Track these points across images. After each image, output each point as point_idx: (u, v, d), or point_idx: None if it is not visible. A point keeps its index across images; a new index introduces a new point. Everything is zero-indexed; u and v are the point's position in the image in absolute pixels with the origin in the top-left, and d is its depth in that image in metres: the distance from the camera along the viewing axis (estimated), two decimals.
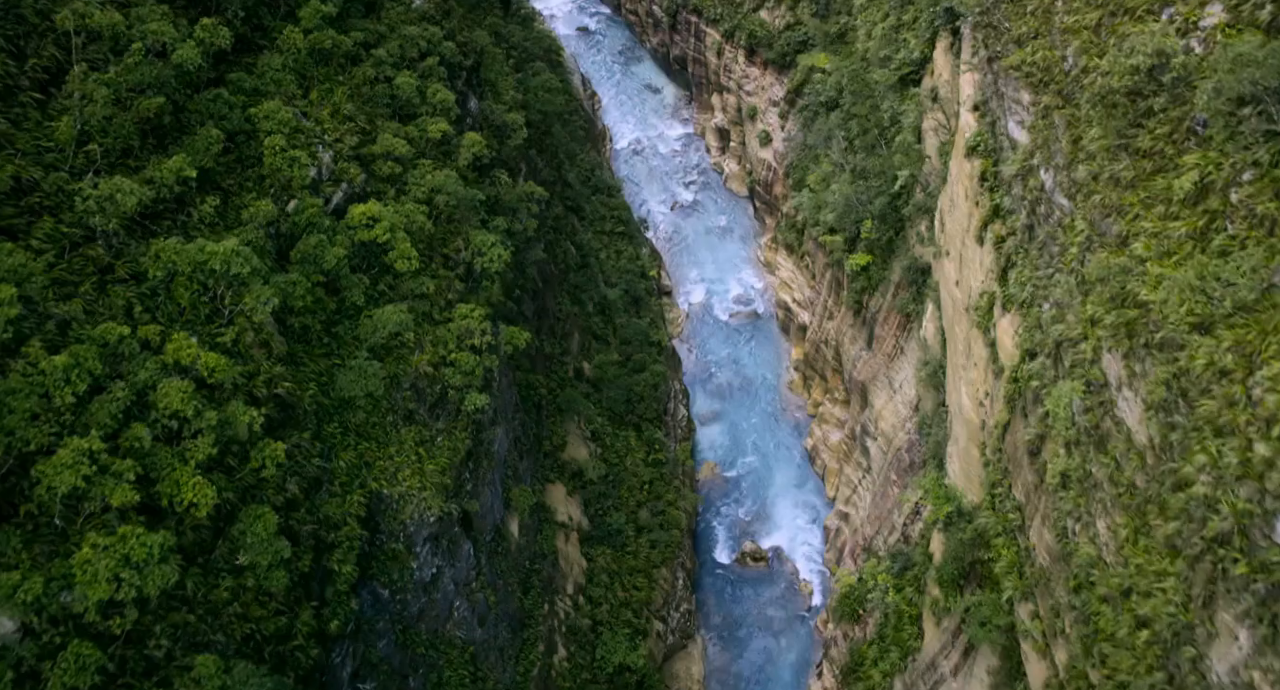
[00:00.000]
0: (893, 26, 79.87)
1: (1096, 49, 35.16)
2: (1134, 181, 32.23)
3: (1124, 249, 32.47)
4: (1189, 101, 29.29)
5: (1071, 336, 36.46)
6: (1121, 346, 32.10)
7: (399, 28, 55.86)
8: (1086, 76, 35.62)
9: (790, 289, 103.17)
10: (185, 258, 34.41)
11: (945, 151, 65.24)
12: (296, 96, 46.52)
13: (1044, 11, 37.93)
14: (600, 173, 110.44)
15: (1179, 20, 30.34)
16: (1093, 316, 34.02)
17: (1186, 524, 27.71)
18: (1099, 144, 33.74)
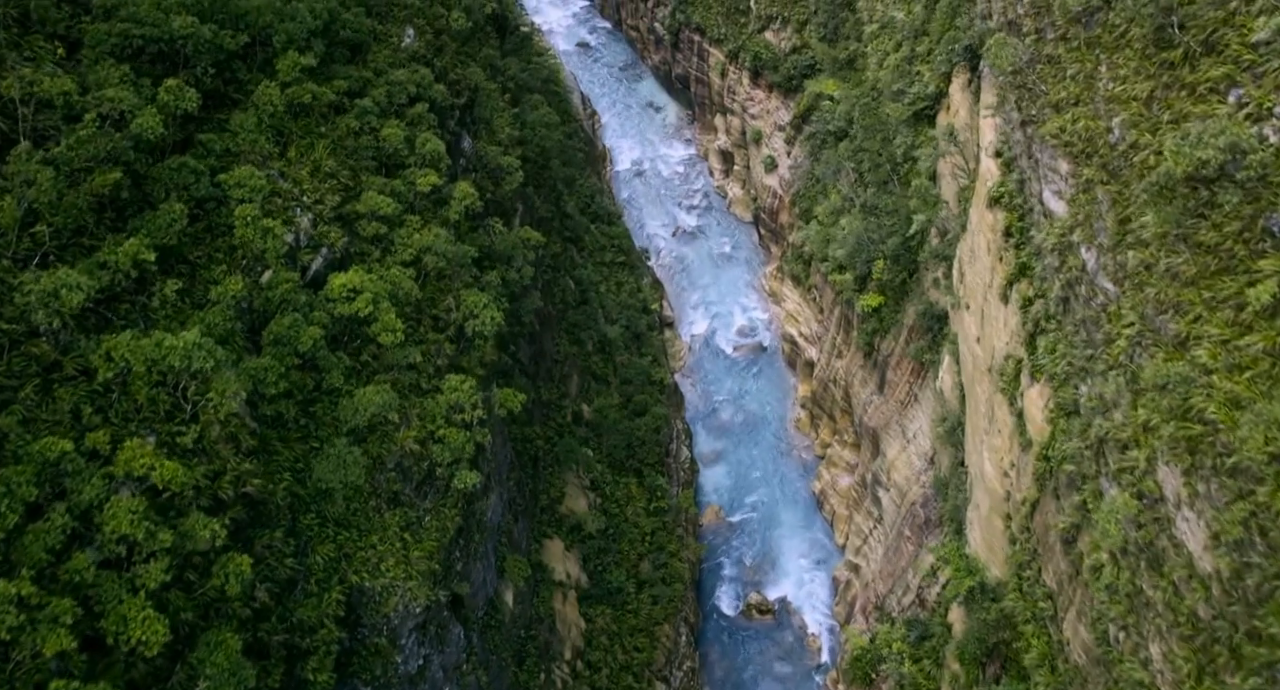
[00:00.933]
0: (905, 58, 76.48)
1: (1148, 124, 31.77)
2: (1195, 279, 28.86)
3: (1184, 353, 29.10)
4: (1264, 199, 25.92)
5: (1119, 438, 33.08)
6: (1182, 462, 28.71)
7: (386, 72, 52.50)
8: (1136, 153, 32.23)
9: (797, 322, 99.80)
10: (140, 355, 31.01)
11: (965, 198, 61.86)
12: (273, 156, 43.14)
13: (1086, 77, 34.54)
14: (600, 199, 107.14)
15: (1249, 105, 26.95)
16: (1147, 422, 30.63)
17: (1269, 685, 24.40)
18: (1154, 232, 30.35)
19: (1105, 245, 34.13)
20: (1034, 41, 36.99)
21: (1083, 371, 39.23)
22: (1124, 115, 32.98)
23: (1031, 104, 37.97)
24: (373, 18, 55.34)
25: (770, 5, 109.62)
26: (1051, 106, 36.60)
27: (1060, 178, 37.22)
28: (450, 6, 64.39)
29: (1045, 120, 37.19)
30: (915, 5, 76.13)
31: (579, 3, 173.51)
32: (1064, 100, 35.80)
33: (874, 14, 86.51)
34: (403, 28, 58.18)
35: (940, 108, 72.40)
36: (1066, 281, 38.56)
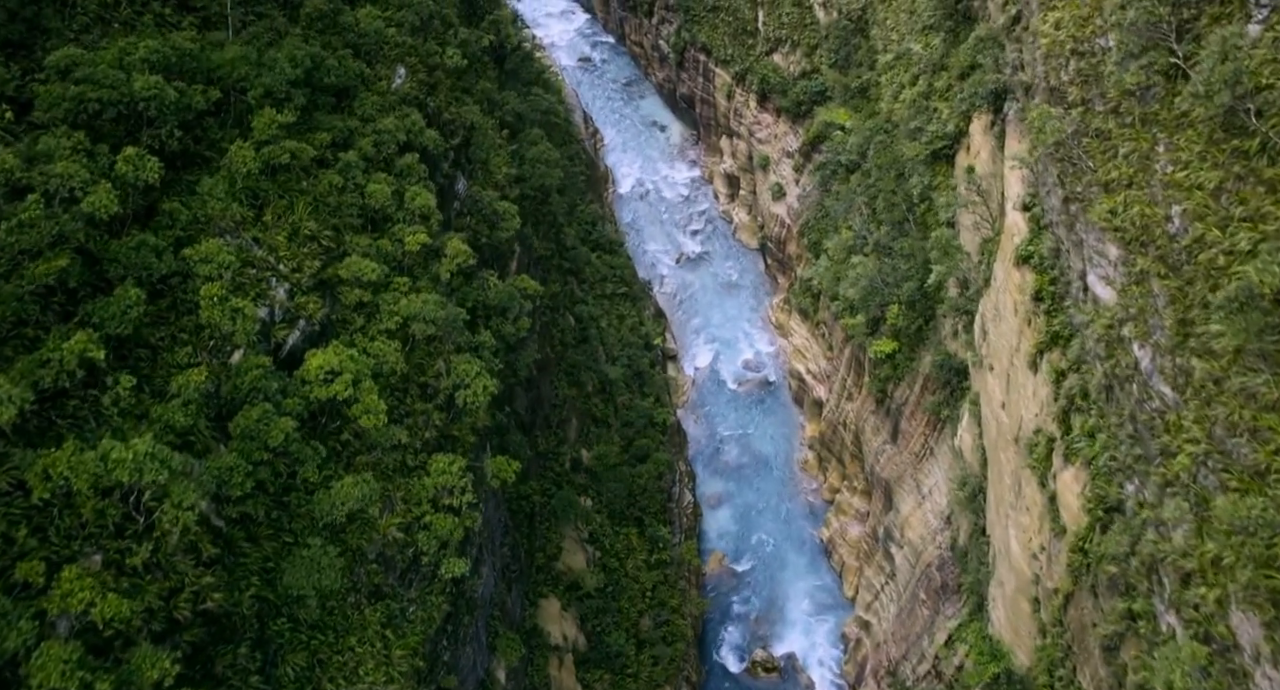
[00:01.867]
0: (922, 93, 73.01)
1: (1215, 218, 28.29)
2: (1278, 405, 25.40)
3: (1263, 486, 25.63)
4: None
5: (1180, 566, 29.59)
6: (1263, 613, 25.23)
7: (373, 120, 49.00)
8: (1202, 250, 28.74)
9: (804, 358, 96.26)
10: (82, 472, 27.54)
11: (988, 250, 58.39)
12: (247, 221, 39.64)
13: (1141, 158, 31.06)
14: (601, 226, 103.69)
15: None
16: (1218, 559, 27.15)
17: None
18: (1227, 344, 26.85)
19: (1163, 346, 30.66)
20: (1081, 113, 33.52)
21: (1129, 470, 35.77)
22: (1186, 205, 29.50)
23: (1076, 180, 34.49)
24: (361, 59, 51.88)
25: (779, 28, 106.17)
26: (1100, 185, 33.11)
27: (1108, 263, 33.75)
28: (446, 43, 60.93)
29: (1092, 199, 33.69)
30: (934, 38, 72.69)
31: (581, 16, 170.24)
32: (1115, 181, 32.30)
33: (889, 43, 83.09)
34: (393, 68, 54.72)
35: (959, 147, 68.99)
36: (1113, 372, 35.08)
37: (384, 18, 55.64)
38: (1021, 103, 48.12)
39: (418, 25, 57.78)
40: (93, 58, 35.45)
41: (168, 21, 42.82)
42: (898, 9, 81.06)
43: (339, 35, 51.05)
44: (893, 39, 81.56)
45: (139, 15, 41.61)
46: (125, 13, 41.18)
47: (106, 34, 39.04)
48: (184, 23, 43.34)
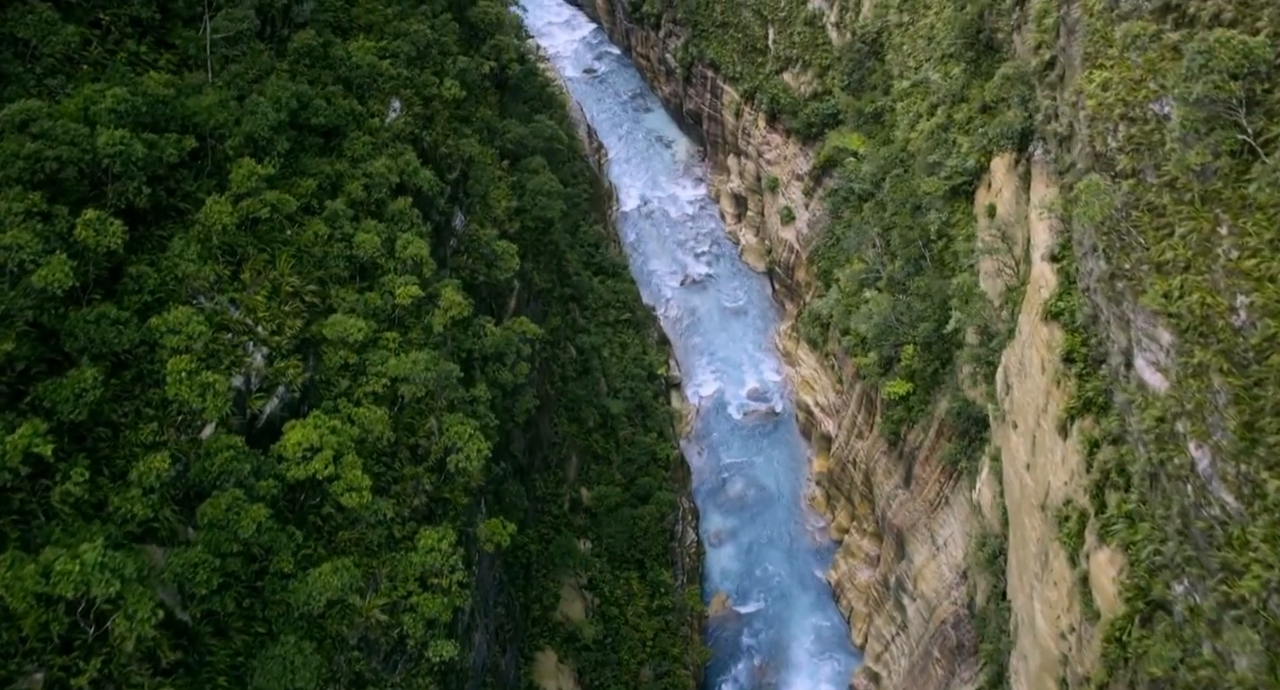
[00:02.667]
0: (941, 124, 70.00)
1: None
2: None
3: None
4: None
5: None
6: None
7: (364, 162, 46.07)
8: (1274, 350, 25.76)
9: (813, 390, 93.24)
10: (19, 589, 24.63)
11: (1012, 299, 55.41)
12: (223, 280, 36.74)
13: (1201, 240, 28.11)
14: (605, 249, 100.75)
15: None
16: None
17: None
18: None
19: (1225, 449, 27.71)
20: (1132, 185, 30.57)
21: (1177, 569, 32.79)
22: (1254, 298, 26.56)
23: (1125, 255, 31.52)
24: (353, 95, 49.00)
25: (790, 47, 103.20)
26: (1152, 265, 30.13)
27: (1160, 348, 30.78)
28: (444, 72, 58.05)
29: (1142, 278, 30.72)
30: (953, 67, 69.67)
31: (587, 26, 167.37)
32: (1170, 262, 29.33)
33: (905, 70, 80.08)
34: (387, 101, 51.83)
35: (980, 184, 66.03)
36: (1162, 465, 32.11)
37: (379, 48, 52.82)
38: (1053, 153, 45.18)
39: (414, 56, 54.91)
40: (53, 110, 32.54)
41: (143, 60, 39.91)
42: (915, 35, 78.08)
43: (330, 69, 48.17)
44: (909, 65, 78.57)
45: (111, 55, 38.71)
46: (96, 52, 38.28)
47: (73, 79, 36.14)
48: (160, 61, 40.43)
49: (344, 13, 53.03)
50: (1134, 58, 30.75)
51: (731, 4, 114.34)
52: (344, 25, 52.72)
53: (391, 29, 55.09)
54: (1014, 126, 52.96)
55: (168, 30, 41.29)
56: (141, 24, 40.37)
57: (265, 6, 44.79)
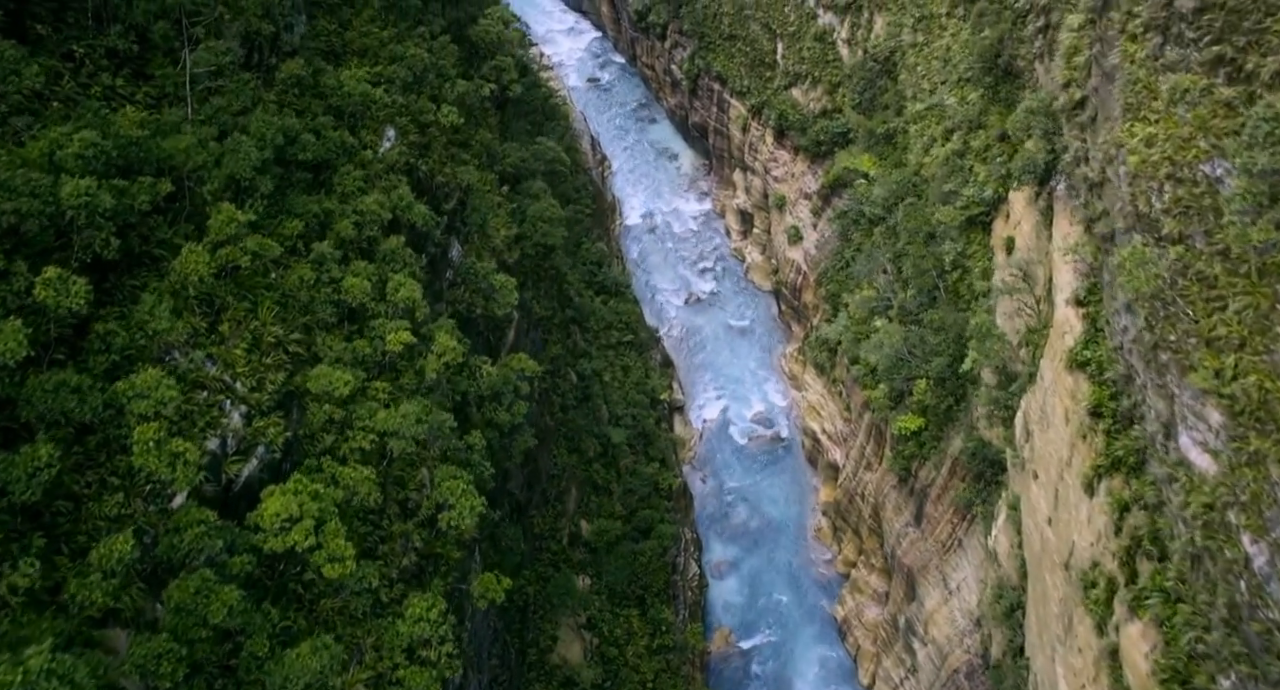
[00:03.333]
0: (957, 151, 67.60)
1: None
2: None
3: None
4: None
5: None
6: None
7: (354, 198, 43.73)
8: None
9: (819, 416, 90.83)
10: None
11: (1032, 341, 53.01)
12: (200, 334, 34.40)
13: (1258, 317, 25.72)
14: (607, 268, 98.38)
15: None
16: None
17: None
18: None
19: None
20: (1180, 251, 28.17)
21: (1224, 663, 30.42)
22: None
23: (1170, 326, 29.12)
24: (344, 124, 46.66)
25: (799, 62, 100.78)
26: (1202, 339, 27.73)
27: (1208, 429, 28.40)
28: (442, 98, 55.70)
29: (1191, 353, 28.32)
30: (970, 92, 67.28)
31: (591, 34, 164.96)
32: (1222, 339, 26.94)
33: (919, 91, 77.66)
34: (381, 130, 49.49)
35: (997, 214, 63.66)
36: (1209, 553, 29.74)
37: (373, 74, 50.49)
38: (1081, 196, 42.77)
39: (410, 81, 52.59)
40: (14, 157, 30.21)
41: (119, 94, 37.57)
42: (929, 56, 75.68)
43: (320, 99, 45.84)
44: (924, 87, 76.16)
45: (85, 90, 36.38)
46: (68, 87, 35.95)
47: (41, 118, 33.80)
48: (138, 94, 38.08)
49: (337, 37, 50.73)
50: (1182, 113, 28.38)
51: (739, 17, 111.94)
52: (336, 51, 50.43)
53: (387, 53, 52.79)
54: (1037, 161, 50.55)
55: (147, 61, 38.96)
56: (118, 55, 38.04)
57: (251, 35, 42.46)
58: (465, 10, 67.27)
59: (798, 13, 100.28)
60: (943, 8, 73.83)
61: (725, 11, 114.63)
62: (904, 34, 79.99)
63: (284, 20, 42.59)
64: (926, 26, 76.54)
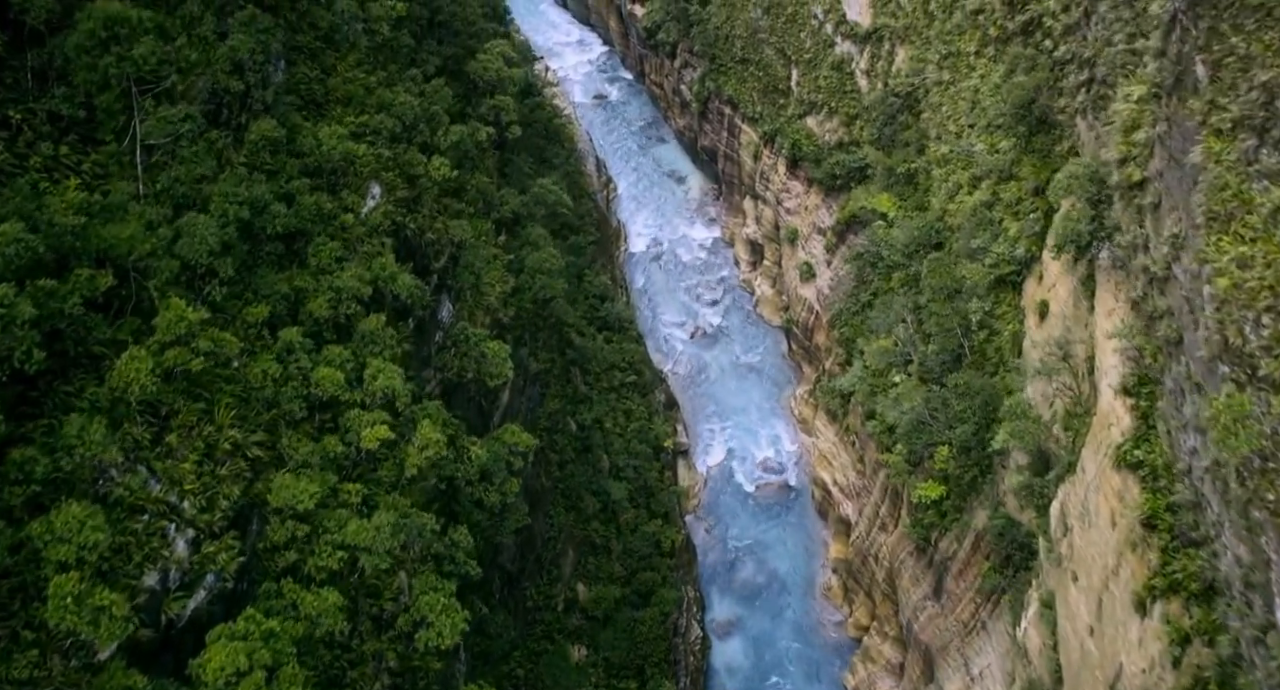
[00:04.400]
0: (985, 202, 63.25)
1: None
2: None
3: None
4: None
5: None
6: None
7: (330, 272, 39.48)
8: None
9: (831, 466, 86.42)
10: None
11: (1072, 426, 48.62)
12: (143, 446, 30.18)
13: None
14: (611, 304, 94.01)
15: None
16: None
17: None
18: None
19: None
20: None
21: None
22: None
23: (1267, 482, 24.77)
24: (323, 184, 42.43)
25: (814, 91, 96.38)
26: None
27: None
28: (435, 146, 51.49)
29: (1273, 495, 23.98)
30: (1000, 140, 62.90)
31: (599, 48, 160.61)
32: None
33: (943, 131, 73.30)
34: (365, 187, 45.26)
35: (1029, 274, 59.30)
36: None
37: (357, 125, 46.30)
38: (1139, 288, 38.39)
39: (399, 132, 48.34)
40: None
41: (63, 164, 33.36)
42: (955, 96, 71.30)
43: (297, 157, 41.59)
44: (949, 129, 71.80)
45: (22, 161, 32.15)
46: (2, 158, 31.72)
47: None
48: (85, 164, 33.83)
49: (318, 85, 46.49)
50: None
51: (752, 40, 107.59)
52: (318, 100, 46.20)
53: (374, 101, 48.55)
54: (1080, 231, 46.12)
55: (96, 125, 34.73)
56: (62, 120, 33.81)
57: (219, 91, 38.25)
58: (464, 44, 63.02)
59: (814, 39, 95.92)
60: (971, 46, 69.46)
61: (738, 34, 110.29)
62: (928, 70, 75.61)
63: (256, 76, 38.34)
64: (953, 64, 72.16)
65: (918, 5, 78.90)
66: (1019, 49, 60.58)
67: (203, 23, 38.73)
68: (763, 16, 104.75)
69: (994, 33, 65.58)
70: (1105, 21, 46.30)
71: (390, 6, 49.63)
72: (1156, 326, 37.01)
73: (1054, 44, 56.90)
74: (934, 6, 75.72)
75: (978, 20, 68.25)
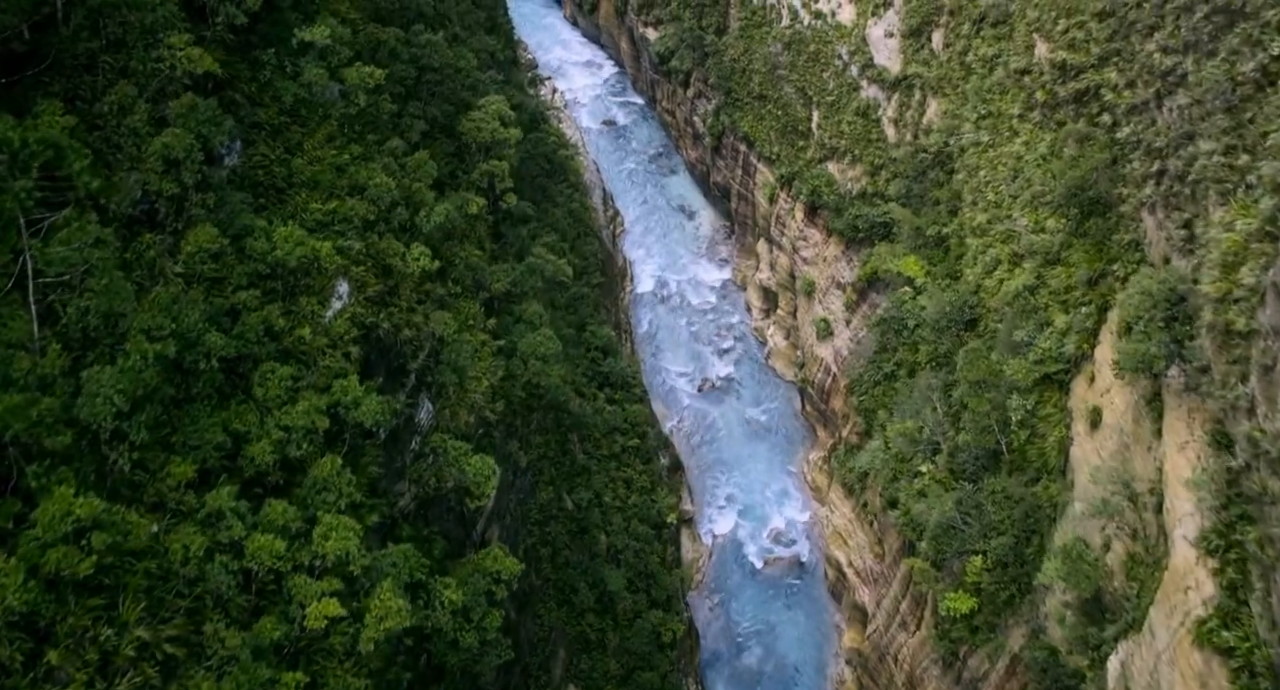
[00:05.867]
0: (1029, 286, 57.10)
1: None
2: None
3: None
4: None
5: None
6: None
7: (279, 406, 33.50)
8: None
9: (846, 545, 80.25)
10: None
11: (1137, 576, 42.47)
12: (14, 671, 24.20)
13: None
14: (614, 362, 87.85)
15: None
16: None
17: None
18: None
19: None
20: None
21: None
22: None
23: None
24: (277, 291, 36.46)
25: (837, 135, 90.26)
26: None
27: None
28: (416, 229, 45.57)
29: None
30: (1049, 218, 56.82)
31: (609, 69, 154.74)
32: None
33: (980, 197, 67.06)
34: (330, 288, 39.28)
35: (1079, 373, 53.17)
36: None
37: (324, 214, 40.33)
38: (1243, 457, 32.28)
39: (373, 219, 42.38)
40: None
41: None
42: (995, 161, 65.10)
43: (246, 263, 35.64)
44: (986, 195, 65.59)
45: None
46: None
47: None
48: None
49: (281, 167, 40.50)
50: None
51: (771, 76, 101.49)
52: (279, 185, 40.21)
53: (346, 182, 42.57)
54: (1154, 357, 39.94)
55: None
56: None
57: (152, 194, 32.31)
58: (456, 97, 57.03)
59: (838, 81, 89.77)
60: (1014, 107, 63.27)
61: (755, 69, 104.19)
62: (964, 128, 69.40)
63: (194, 175, 32.37)
64: (993, 125, 65.97)
65: (953, 55, 72.78)
66: (1072, 123, 54.46)
67: (134, 111, 32.82)
68: (782, 52, 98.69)
69: (1041, 97, 59.44)
70: (1186, 115, 40.13)
71: (368, 73, 43.60)
72: (1243, 479, 30.97)
73: (1114, 121, 50.79)
74: (972, 59, 69.61)
75: (1022, 81, 62.09)
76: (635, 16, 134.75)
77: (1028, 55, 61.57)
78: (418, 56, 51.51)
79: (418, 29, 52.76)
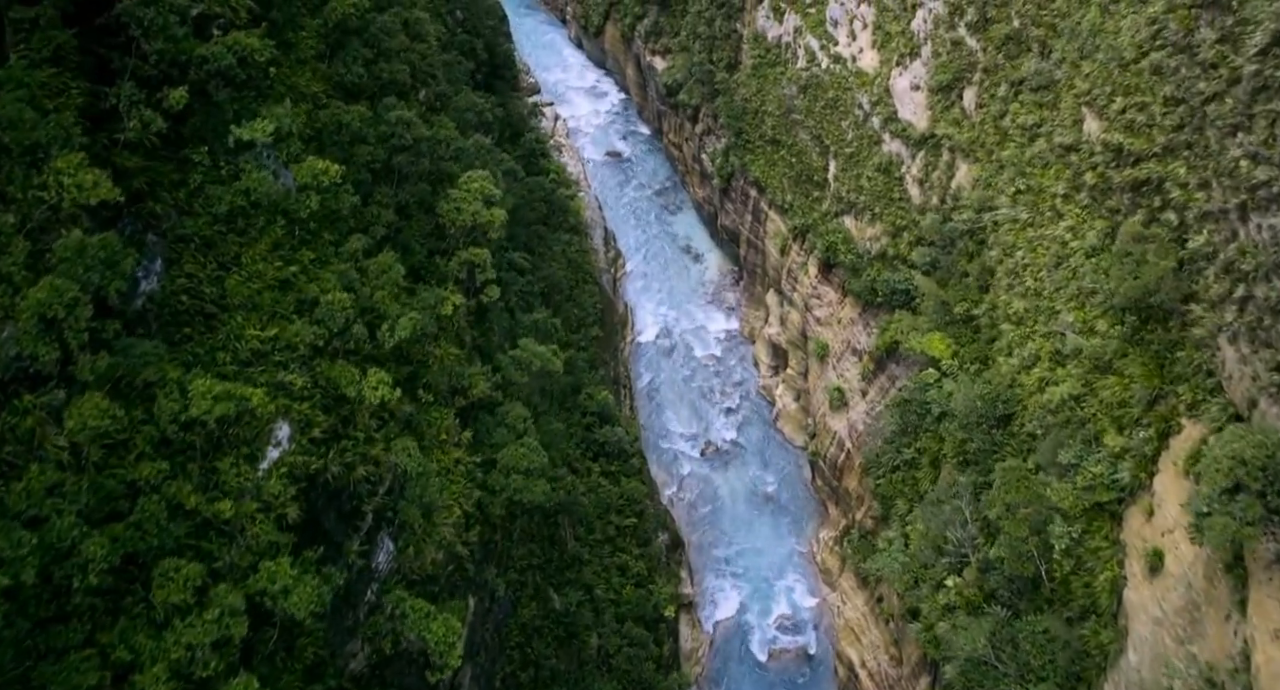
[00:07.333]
0: (1075, 396, 50.65)
1: None
2: None
3: None
4: None
5: None
6: None
7: (179, 621, 27.15)
8: None
9: (859, 642, 73.79)
10: None
11: None
12: None
13: None
14: (611, 430, 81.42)
15: None
16: None
17: None
18: None
19: None
20: None
21: None
22: None
23: None
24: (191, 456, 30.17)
25: (855, 190, 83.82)
26: None
27: None
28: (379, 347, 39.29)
29: None
30: (1101, 320, 50.37)
31: (615, 96, 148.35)
32: None
33: (1017, 282, 60.55)
34: (266, 435, 33.01)
35: (1133, 503, 46.69)
36: None
37: (260, 342, 34.06)
38: None
39: (324, 342, 36.10)
40: None
41: None
42: (1035, 242, 58.61)
43: (151, 426, 29.34)
44: (1026, 283, 59.04)
45: None
46: None
47: None
48: None
49: (212, 286, 34.26)
50: None
51: (785, 120, 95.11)
52: (208, 310, 33.96)
53: (293, 297, 36.32)
54: (1244, 533, 33.51)
55: None
56: None
57: (24, 358, 26.06)
58: (434, 173, 50.77)
59: (857, 132, 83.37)
60: (1058, 186, 56.77)
61: (768, 111, 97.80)
62: (999, 202, 62.90)
63: (78, 336, 26.15)
64: (1033, 202, 59.45)
65: (987, 118, 66.35)
66: (1128, 215, 48.00)
67: (9, 251, 26.60)
68: (798, 95, 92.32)
69: (1090, 179, 52.99)
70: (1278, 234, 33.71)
71: (322, 170, 37.29)
72: None
73: (1181, 222, 44.30)
74: (1009, 125, 63.16)
75: (1068, 158, 55.64)
76: (642, 43, 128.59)
77: (1075, 130, 55.11)
78: (387, 135, 45.22)
79: (389, 102, 46.43)
